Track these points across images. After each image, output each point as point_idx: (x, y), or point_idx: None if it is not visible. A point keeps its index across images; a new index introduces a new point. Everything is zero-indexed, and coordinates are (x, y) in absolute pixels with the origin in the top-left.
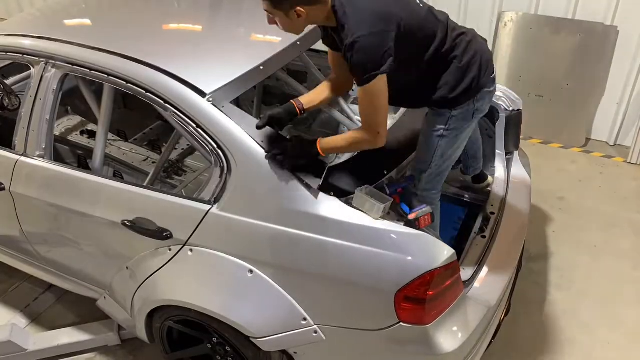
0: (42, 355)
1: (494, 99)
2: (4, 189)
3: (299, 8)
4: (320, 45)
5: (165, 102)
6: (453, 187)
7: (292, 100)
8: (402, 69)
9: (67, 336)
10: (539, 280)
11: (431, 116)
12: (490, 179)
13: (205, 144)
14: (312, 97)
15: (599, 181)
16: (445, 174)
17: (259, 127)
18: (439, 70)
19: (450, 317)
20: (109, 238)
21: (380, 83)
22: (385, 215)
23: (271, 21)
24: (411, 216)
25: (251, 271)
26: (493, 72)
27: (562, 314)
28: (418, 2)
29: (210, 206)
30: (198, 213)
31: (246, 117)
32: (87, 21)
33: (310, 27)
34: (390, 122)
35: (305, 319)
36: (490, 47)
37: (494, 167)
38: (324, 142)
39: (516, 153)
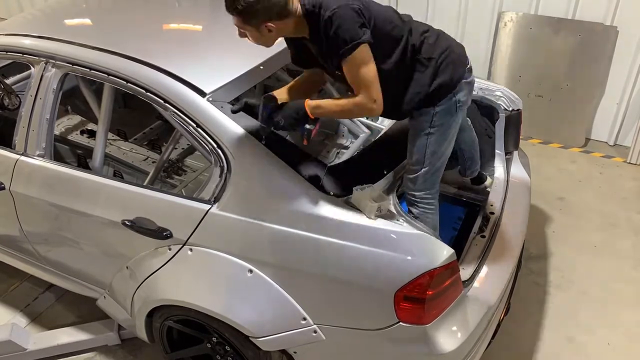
0: (42, 354)
1: (494, 99)
2: (4, 188)
3: (269, 24)
4: None
5: (166, 101)
6: (453, 187)
7: (267, 95)
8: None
9: (67, 335)
10: (539, 280)
11: (416, 116)
12: (489, 180)
13: (205, 144)
14: (286, 94)
15: (598, 181)
16: (441, 172)
17: (233, 112)
18: (412, 71)
19: (450, 317)
20: (109, 237)
21: (364, 51)
22: (384, 215)
23: (242, 34)
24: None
25: (251, 271)
26: (468, 63)
27: (562, 314)
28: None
29: (210, 206)
30: (198, 212)
31: (246, 117)
32: (87, 21)
33: None
34: (388, 123)
35: (304, 319)
36: (490, 47)
37: (494, 167)
38: (313, 105)
39: (516, 153)
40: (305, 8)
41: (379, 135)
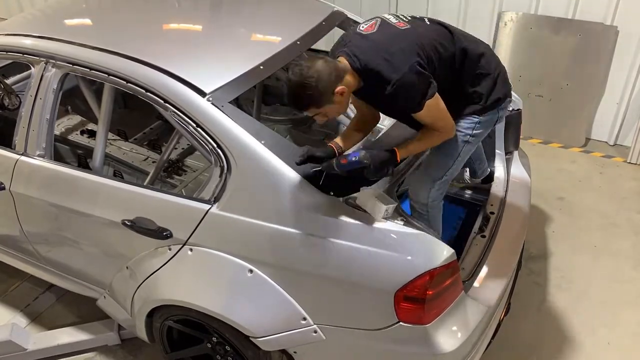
0: (42, 354)
1: None
2: (4, 188)
3: (339, 88)
4: (320, 45)
5: (166, 101)
6: (453, 187)
7: (330, 144)
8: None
9: (67, 335)
10: (539, 280)
11: (457, 122)
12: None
13: (205, 144)
14: (347, 140)
15: (598, 181)
16: (451, 180)
17: (298, 164)
18: (470, 84)
19: (450, 317)
20: (109, 237)
21: (433, 100)
22: (389, 217)
23: (322, 118)
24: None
25: (251, 271)
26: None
27: (562, 314)
28: (427, 22)
29: (210, 206)
30: (198, 212)
31: (246, 117)
32: (87, 21)
33: (310, 27)
34: (388, 123)
35: (304, 319)
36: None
37: (494, 167)
38: (404, 153)
39: (516, 153)
40: (352, 67)
41: (379, 136)
